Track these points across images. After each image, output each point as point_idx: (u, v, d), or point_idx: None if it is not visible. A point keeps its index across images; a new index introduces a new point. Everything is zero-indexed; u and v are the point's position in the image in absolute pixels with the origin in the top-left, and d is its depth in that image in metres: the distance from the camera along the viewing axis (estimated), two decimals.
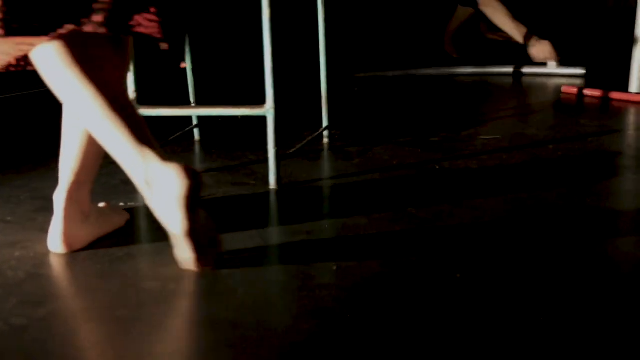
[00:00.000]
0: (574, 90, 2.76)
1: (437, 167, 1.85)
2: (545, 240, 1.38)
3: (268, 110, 1.66)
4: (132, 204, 1.62)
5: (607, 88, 2.71)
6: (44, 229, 1.42)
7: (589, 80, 3.03)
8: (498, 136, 2.14)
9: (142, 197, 1.65)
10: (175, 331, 1.07)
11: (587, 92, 2.71)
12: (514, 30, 3.41)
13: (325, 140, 2.14)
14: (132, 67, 1.80)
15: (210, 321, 1.09)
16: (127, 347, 1.03)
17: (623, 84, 2.72)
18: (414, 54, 3.88)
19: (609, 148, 2.02)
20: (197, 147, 2.17)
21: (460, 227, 1.44)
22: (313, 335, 1.05)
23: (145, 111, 1.76)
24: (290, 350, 1.01)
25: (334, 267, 1.27)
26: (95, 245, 1.38)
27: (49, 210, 1.59)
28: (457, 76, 3.31)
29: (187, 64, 2.15)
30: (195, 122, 2.24)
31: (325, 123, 2.10)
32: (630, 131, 2.30)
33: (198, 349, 1.03)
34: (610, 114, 2.44)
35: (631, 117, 2.42)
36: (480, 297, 1.15)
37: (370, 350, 1.00)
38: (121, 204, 1.62)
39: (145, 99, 1.88)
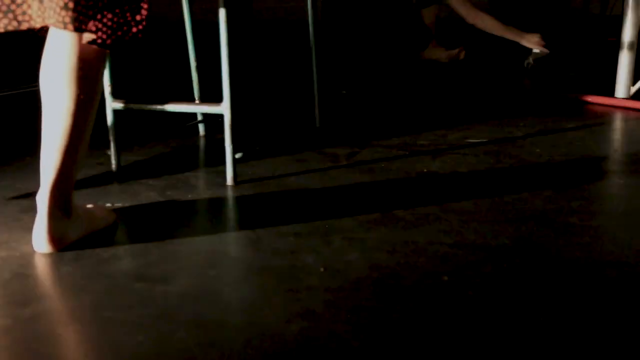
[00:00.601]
0: (570, 95, 2.78)
1: (425, 170, 1.86)
2: (530, 244, 1.39)
3: (224, 108, 1.70)
4: (120, 204, 1.62)
5: (593, 93, 2.73)
6: (30, 229, 1.42)
7: (578, 86, 3.05)
8: (485, 139, 2.15)
9: (130, 199, 1.65)
10: (162, 332, 1.07)
11: (588, 98, 2.73)
12: (508, 33, 3.59)
13: (313, 142, 2.14)
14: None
15: (197, 322, 1.09)
16: (112, 348, 1.02)
17: (609, 89, 2.75)
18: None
19: (595, 152, 2.04)
20: (201, 142, 2.17)
21: (446, 231, 1.45)
22: (301, 337, 1.05)
23: (116, 104, 1.81)
24: (279, 351, 1.01)
25: (322, 269, 1.27)
26: (81, 245, 1.38)
27: (35, 210, 1.59)
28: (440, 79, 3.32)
29: (192, 62, 2.17)
30: (199, 117, 2.26)
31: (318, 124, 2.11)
32: (617, 136, 2.32)
33: (185, 350, 1.02)
34: (596, 119, 2.46)
35: (617, 122, 2.44)
36: (466, 300, 1.16)
37: (359, 352, 1.00)
38: (108, 204, 1.61)
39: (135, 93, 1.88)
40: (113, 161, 1.88)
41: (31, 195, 1.72)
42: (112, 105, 1.81)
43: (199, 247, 1.38)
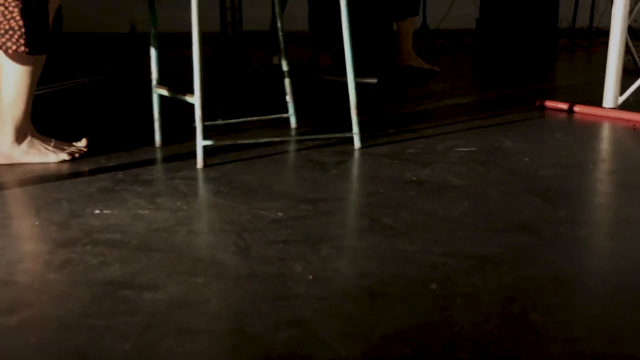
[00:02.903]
0: (556, 104, 2.79)
1: (414, 178, 1.86)
2: (518, 254, 1.39)
3: (195, 98, 1.95)
4: (108, 211, 1.61)
5: (578, 102, 2.75)
6: (17, 236, 1.41)
7: (564, 95, 3.07)
8: (474, 148, 2.15)
9: (118, 204, 1.65)
10: (149, 340, 1.06)
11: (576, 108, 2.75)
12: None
13: (304, 151, 2.14)
14: None
15: (185, 330, 1.09)
16: (99, 357, 1.02)
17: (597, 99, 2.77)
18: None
19: (583, 162, 2.05)
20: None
21: (435, 239, 1.45)
22: (290, 345, 1.05)
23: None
24: (267, 359, 1.01)
25: (310, 277, 1.27)
26: (68, 252, 1.37)
27: (22, 217, 1.58)
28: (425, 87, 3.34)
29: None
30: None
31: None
32: (604, 146, 2.33)
33: (172, 358, 1.02)
34: (584, 129, 2.47)
35: (605, 132, 2.46)
36: (455, 309, 1.16)
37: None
38: (97, 211, 1.61)
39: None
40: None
41: (15, 204, 1.71)
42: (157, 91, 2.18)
43: (187, 254, 1.37)
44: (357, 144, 2.15)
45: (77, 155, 2.04)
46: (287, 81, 2.38)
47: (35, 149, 2.00)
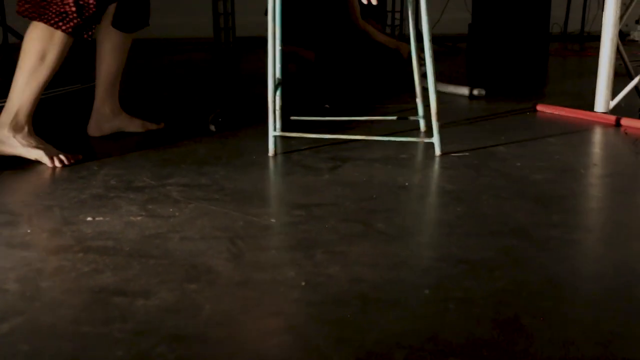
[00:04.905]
0: (549, 109, 2.81)
1: (407, 183, 1.86)
2: (512, 258, 1.39)
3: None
4: (100, 218, 1.60)
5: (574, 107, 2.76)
6: (9, 244, 1.41)
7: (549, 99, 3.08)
8: (466, 153, 2.16)
9: (111, 211, 1.64)
10: (142, 347, 1.06)
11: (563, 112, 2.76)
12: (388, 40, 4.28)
13: (296, 158, 2.15)
14: None
15: (178, 337, 1.08)
16: None
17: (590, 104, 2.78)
18: None
19: (575, 166, 2.05)
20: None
21: (428, 244, 1.45)
22: (283, 352, 1.04)
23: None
24: None
25: (303, 283, 1.27)
26: (60, 259, 1.37)
27: (14, 224, 1.57)
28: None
29: None
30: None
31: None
32: (596, 150, 2.34)
33: None
34: (576, 133, 2.48)
35: (597, 136, 2.47)
36: (449, 313, 1.16)
37: None
38: (89, 218, 1.60)
39: None
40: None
41: (11, 210, 1.70)
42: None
43: (180, 261, 1.37)
44: (437, 150, 2.13)
45: (69, 162, 2.04)
46: (417, 82, 2.43)
47: (30, 144, 2.03)
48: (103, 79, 2.37)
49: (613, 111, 2.69)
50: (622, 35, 3.78)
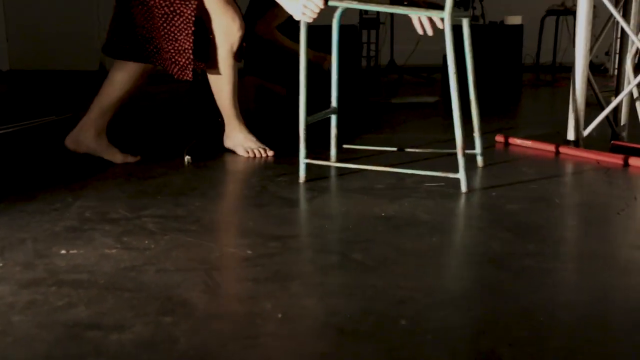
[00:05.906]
0: (520, 141, 2.84)
1: (383, 214, 1.87)
2: (488, 287, 1.40)
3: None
4: (74, 251, 1.59)
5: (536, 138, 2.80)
6: None
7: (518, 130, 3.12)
8: (442, 183, 2.17)
9: (85, 244, 1.62)
10: None
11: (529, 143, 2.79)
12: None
13: (273, 189, 2.15)
14: None
15: None
16: None
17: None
18: None
19: (550, 197, 2.07)
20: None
21: (405, 274, 1.45)
22: None
23: None
24: None
25: (279, 315, 1.26)
26: (33, 292, 1.35)
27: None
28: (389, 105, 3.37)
29: None
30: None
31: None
32: (569, 179, 2.37)
33: None
34: (549, 163, 2.51)
35: (569, 167, 2.50)
36: (426, 344, 1.16)
37: None
38: (63, 251, 1.58)
39: None
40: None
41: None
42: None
43: (155, 294, 1.36)
44: (463, 187, 2.08)
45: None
46: (475, 116, 2.40)
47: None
48: (104, 100, 2.42)
49: (585, 140, 2.73)
50: (593, 67, 3.83)
